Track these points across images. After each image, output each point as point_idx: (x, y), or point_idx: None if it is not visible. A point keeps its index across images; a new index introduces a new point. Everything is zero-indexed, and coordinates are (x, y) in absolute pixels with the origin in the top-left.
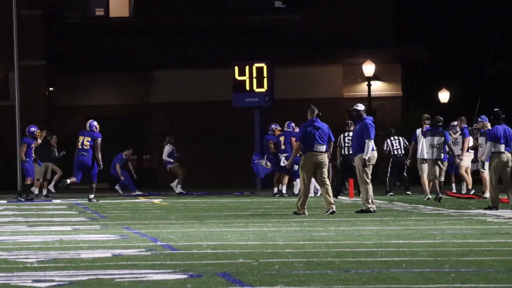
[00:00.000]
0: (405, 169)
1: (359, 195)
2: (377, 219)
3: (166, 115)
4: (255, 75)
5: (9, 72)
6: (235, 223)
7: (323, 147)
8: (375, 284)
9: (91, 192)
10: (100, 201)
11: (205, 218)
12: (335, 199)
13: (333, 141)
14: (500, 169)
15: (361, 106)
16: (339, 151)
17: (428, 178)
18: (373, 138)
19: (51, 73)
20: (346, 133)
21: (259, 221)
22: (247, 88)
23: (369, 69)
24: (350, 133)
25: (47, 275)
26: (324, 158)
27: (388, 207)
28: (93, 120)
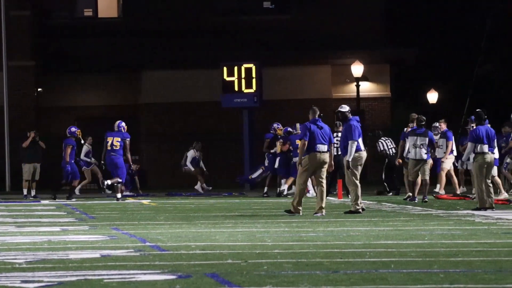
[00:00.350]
0: (396, 169)
1: (347, 196)
2: (366, 219)
3: (155, 115)
4: (243, 75)
5: None
6: (224, 224)
7: (325, 147)
8: (363, 284)
9: (118, 191)
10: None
11: (194, 218)
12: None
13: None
14: (484, 169)
15: (345, 107)
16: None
17: (413, 178)
18: (358, 138)
19: (40, 73)
20: (334, 134)
21: (247, 221)
22: (236, 88)
23: (357, 69)
24: (338, 134)
25: (35, 276)
26: (326, 158)
27: (376, 207)
28: (121, 121)
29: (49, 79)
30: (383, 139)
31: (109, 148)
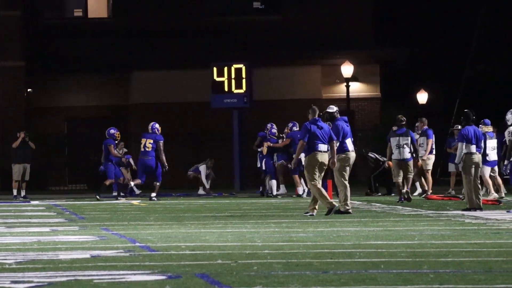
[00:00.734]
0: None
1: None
2: (356, 220)
3: (145, 116)
4: (233, 76)
5: None
6: (214, 224)
7: (325, 147)
8: (353, 285)
9: (154, 191)
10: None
11: (184, 219)
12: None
13: (335, 140)
14: (472, 170)
15: (333, 108)
16: None
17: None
18: (347, 139)
19: (30, 74)
20: None
21: (237, 222)
22: (226, 89)
23: (347, 70)
24: None
25: (25, 276)
26: (326, 158)
27: (366, 208)
28: (154, 122)
29: (39, 79)
30: (370, 154)
31: (142, 149)
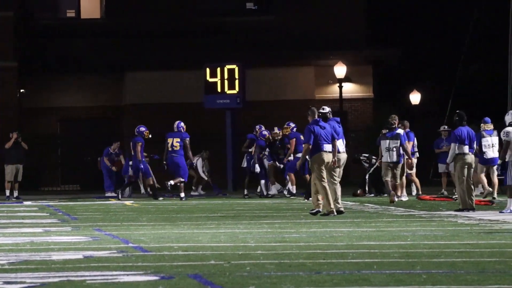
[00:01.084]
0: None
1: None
2: (349, 220)
3: (138, 116)
4: (226, 76)
5: None
6: (207, 225)
7: (329, 147)
8: (346, 285)
9: (181, 191)
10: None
11: (177, 219)
12: (307, 200)
13: (336, 139)
14: (465, 170)
15: (326, 108)
16: None
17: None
18: (339, 139)
19: (23, 74)
20: None
21: (230, 222)
22: (219, 89)
23: (340, 70)
24: None
25: (18, 277)
26: (330, 157)
27: (359, 208)
28: (180, 121)
29: (32, 80)
30: (364, 155)
31: (169, 149)
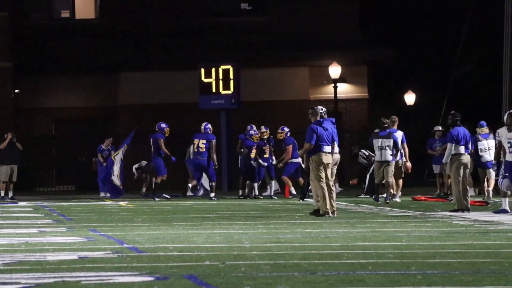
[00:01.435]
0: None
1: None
2: (343, 221)
3: (133, 117)
4: (221, 77)
5: None
6: (202, 225)
7: (329, 148)
8: (341, 286)
9: (212, 191)
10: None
11: (172, 220)
12: (301, 201)
13: (336, 142)
14: (461, 171)
15: (321, 108)
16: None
17: (379, 180)
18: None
19: (17, 75)
20: None
21: (225, 223)
22: (214, 90)
23: (335, 71)
24: None
25: (13, 278)
26: (330, 158)
27: (354, 209)
28: (207, 123)
29: (27, 80)
30: (363, 150)
31: (195, 150)
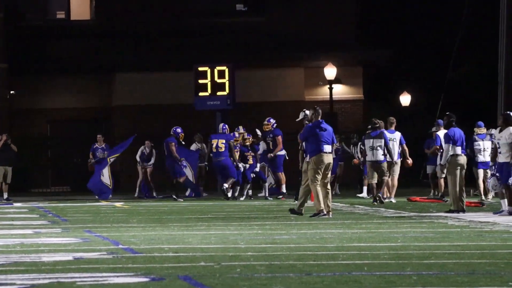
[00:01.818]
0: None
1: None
2: (339, 222)
3: (128, 117)
4: (216, 78)
5: None
6: (197, 226)
7: (329, 148)
8: (336, 287)
9: (236, 190)
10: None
11: (167, 221)
12: (297, 202)
13: (335, 143)
14: (457, 171)
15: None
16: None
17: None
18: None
19: (13, 76)
20: None
21: (220, 224)
22: (209, 91)
23: (330, 72)
24: None
25: (8, 279)
26: (330, 159)
27: (349, 210)
28: (224, 123)
29: (22, 81)
30: (360, 146)
31: (214, 150)
